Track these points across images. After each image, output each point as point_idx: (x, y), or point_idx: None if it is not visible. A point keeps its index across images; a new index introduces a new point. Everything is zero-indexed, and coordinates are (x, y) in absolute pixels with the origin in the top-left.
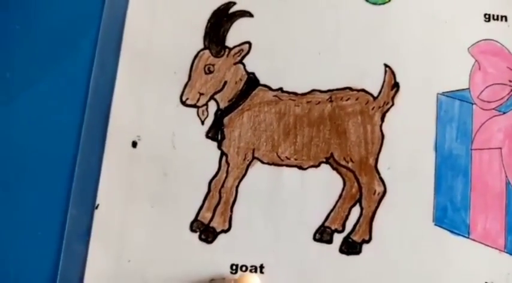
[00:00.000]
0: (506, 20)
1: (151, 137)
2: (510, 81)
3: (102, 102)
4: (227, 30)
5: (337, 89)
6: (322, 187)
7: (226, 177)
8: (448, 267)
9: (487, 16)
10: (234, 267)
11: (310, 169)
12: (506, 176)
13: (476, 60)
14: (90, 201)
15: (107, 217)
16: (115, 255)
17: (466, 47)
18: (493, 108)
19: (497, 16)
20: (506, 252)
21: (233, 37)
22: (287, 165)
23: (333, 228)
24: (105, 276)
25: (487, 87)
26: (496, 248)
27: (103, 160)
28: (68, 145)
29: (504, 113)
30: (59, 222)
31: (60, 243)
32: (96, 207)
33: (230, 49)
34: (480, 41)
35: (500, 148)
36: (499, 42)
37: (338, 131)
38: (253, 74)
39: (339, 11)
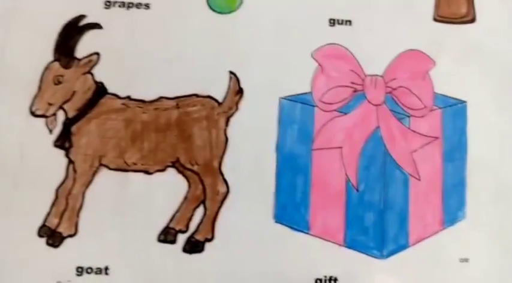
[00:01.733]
0: (350, 24)
1: (1, 147)
2: (352, 83)
3: None
4: (77, 42)
5: (184, 96)
6: (167, 190)
7: (73, 184)
8: (290, 262)
9: (331, 21)
10: (79, 270)
11: (156, 174)
12: (346, 174)
13: (319, 64)
14: None
15: None
16: None
17: (310, 52)
18: (335, 110)
19: (342, 20)
20: (346, 246)
21: (83, 48)
22: (134, 170)
23: (177, 228)
24: None
25: (329, 89)
26: (335, 243)
27: None
28: None
29: (345, 114)
30: None
31: None
32: None
33: (79, 60)
34: (324, 45)
35: (341, 147)
36: (343, 46)
37: (184, 136)
38: (101, 83)
39: (186, 21)
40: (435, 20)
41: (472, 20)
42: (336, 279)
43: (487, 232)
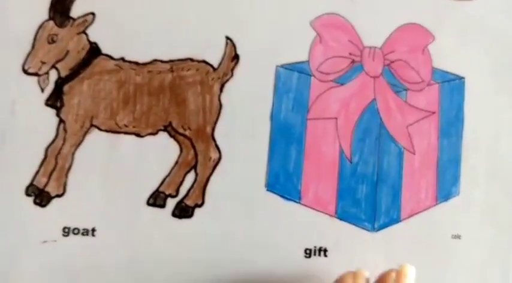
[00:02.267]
0: None
1: None
2: (350, 53)
3: None
4: (72, 2)
5: (179, 60)
6: (159, 154)
7: (63, 144)
8: (280, 231)
9: None
10: (66, 230)
11: (148, 137)
12: (340, 145)
13: (317, 33)
14: None
15: None
16: None
17: (308, 20)
18: (331, 80)
19: None
20: (337, 218)
21: (78, 8)
22: (125, 133)
23: (167, 193)
24: None
25: (327, 59)
26: (327, 213)
27: None
28: None
29: (342, 84)
30: None
31: None
32: None
33: (74, 19)
34: (323, 14)
35: (336, 118)
36: (342, 16)
37: (177, 100)
38: (95, 43)
39: None
40: None
41: None
42: (325, 250)
43: (480, 210)
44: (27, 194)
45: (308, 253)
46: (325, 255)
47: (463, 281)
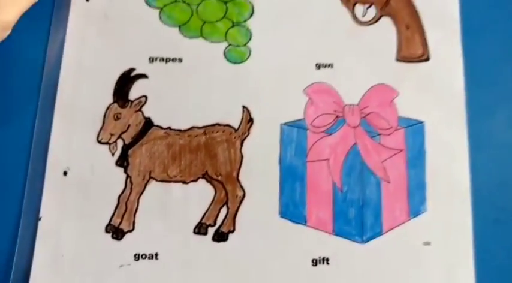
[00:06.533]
0: (332, 67)
1: (76, 167)
2: (335, 110)
3: (43, 143)
4: (130, 88)
5: (210, 125)
6: (200, 195)
7: (130, 193)
8: (291, 246)
9: (317, 65)
10: (136, 256)
11: (191, 183)
12: (333, 179)
13: (309, 98)
14: (35, 214)
15: (47, 225)
16: (52, 251)
17: (302, 89)
18: (322, 131)
19: (325, 64)
20: (335, 234)
21: (134, 92)
22: (174, 182)
23: (207, 223)
24: (46, 265)
25: (317, 116)
26: (326, 232)
27: (44, 185)
28: (18, 175)
29: (330, 134)
30: (13, 228)
31: (14, 242)
32: (40, 219)
33: (132, 101)
34: (313, 83)
35: (328, 159)
36: (327, 84)
37: (210, 155)
38: (149, 118)
39: (209, 69)
40: (398, 60)
41: (427, 59)
42: (327, 259)
43: (444, 222)
44: (107, 231)
45: (314, 262)
46: (328, 263)
47: (435, 280)
